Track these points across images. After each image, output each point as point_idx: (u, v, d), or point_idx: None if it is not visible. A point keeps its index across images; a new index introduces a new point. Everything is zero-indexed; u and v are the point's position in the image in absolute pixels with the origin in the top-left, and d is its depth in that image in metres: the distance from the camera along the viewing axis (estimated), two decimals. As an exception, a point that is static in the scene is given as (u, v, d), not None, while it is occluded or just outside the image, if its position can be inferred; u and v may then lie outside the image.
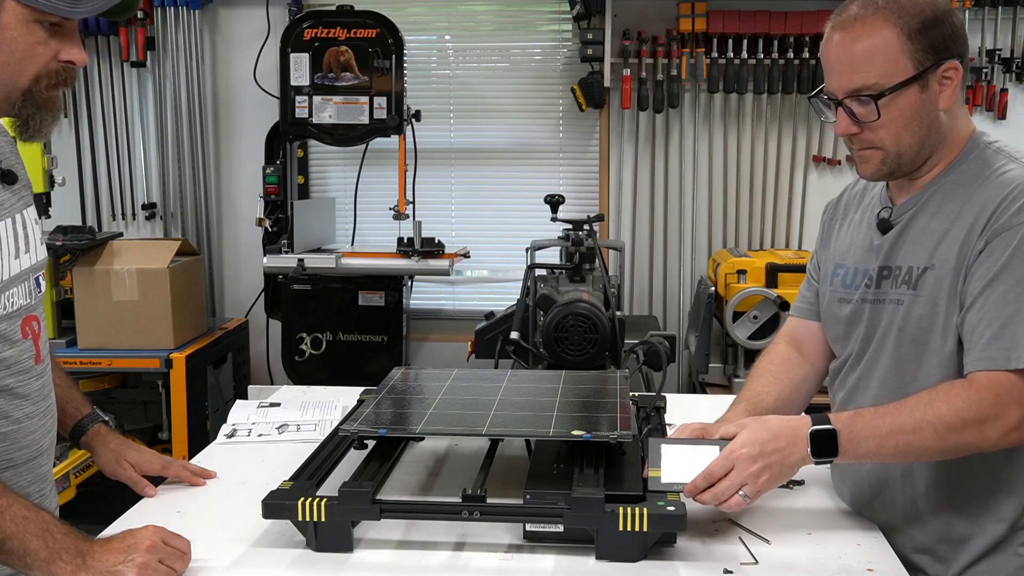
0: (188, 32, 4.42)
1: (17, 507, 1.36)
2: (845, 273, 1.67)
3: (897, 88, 1.47)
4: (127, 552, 1.38)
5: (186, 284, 3.76)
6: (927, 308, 1.50)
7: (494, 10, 4.51)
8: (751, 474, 1.44)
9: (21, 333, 1.44)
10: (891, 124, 1.49)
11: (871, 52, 1.47)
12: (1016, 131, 4.20)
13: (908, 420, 1.42)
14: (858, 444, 1.44)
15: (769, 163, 4.36)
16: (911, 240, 1.55)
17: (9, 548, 1.35)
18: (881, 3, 1.49)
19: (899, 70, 1.47)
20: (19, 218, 1.47)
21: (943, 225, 1.50)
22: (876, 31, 1.47)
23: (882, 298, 1.58)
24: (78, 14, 1.37)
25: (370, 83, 3.86)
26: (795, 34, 4.12)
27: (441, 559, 1.48)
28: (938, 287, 1.49)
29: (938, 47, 1.48)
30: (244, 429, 2.06)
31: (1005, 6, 4.17)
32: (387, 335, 3.96)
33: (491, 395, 1.82)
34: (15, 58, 1.34)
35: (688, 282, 4.45)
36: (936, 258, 1.50)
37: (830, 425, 1.44)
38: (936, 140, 1.52)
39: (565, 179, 4.50)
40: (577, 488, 1.47)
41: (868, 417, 1.45)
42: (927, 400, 1.43)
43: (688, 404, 2.28)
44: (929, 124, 1.50)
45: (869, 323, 1.60)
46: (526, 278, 3.11)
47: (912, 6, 1.48)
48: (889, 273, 1.57)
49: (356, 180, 4.25)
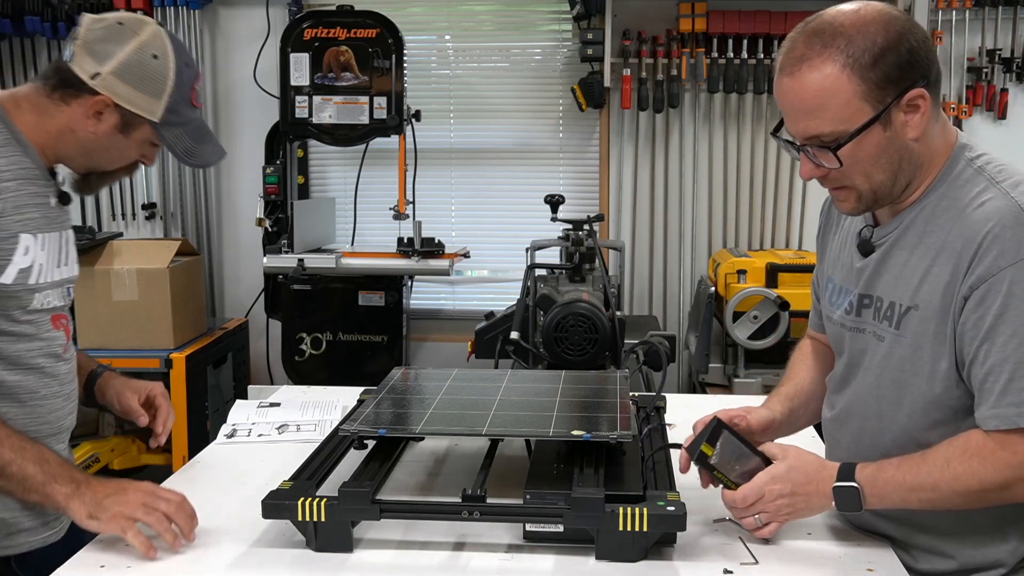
0: (188, 32, 4.41)
1: (15, 438, 1.54)
2: (833, 289, 1.62)
3: (856, 134, 1.36)
4: (120, 490, 1.52)
5: (186, 284, 3.76)
6: (909, 351, 1.44)
7: (494, 10, 4.51)
8: (776, 507, 1.47)
9: (52, 326, 1.67)
10: (858, 166, 1.40)
11: (822, 98, 1.36)
12: (1016, 131, 4.21)
13: (927, 479, 1.38)
14: (882, 499, 1.43)
15: (769, 163, 4.36)
16: (892, 271, 1.47)
17: (8, 473, 1.51)
18: (827, 38, 1.35)
19: (856, 114, 1.36)
20: (64, 235, 1.71)
21: (924, 261, 1.42)
22: (824, 74, 1.34)
23: (862, 327, 1.53)
24: (188, 164, 1.75)
25: (370, 83, 3.86)
26: (795, 34, 4.11)
27: (441, 559, 1.48)
28: (922, 329, 1.42)
29: (897, 78, 1.35)
30: (244, 429, 2.06)
31: (1005, 6, 4.17)
32: (387, 335, 3.96)
33: (491, 395, 1.82)
34: (115, 156, 1.68)
35: (688, 282, 4.45)
36: (919, 298, 1.42)
37: (853, 482, 1.42)
38: (912, 169, 1.42)
39: (565, 179, 4.50)
40: (577, 488, 1.48)
41: (890, 472, 1.41)
42: (944, 460, 1.38)
43: (688, 404, 2.28)
44: (900, 157, 1.40)
45: (851, 351, 1.56)
46: (526, 278, 3.11)
47: (861, 37, 1.34)
48: (870, 303, 1.51)
49: (356, 180, 4.25)
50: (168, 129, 1.66)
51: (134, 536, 1.48)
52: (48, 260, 1.64)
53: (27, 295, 1.60)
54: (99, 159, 1.68)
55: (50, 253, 1.65)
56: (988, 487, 1.36)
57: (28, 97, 1.63)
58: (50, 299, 1.66)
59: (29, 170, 1.61)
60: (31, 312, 1.62)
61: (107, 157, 1.68)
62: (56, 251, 1.67)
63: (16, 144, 1.59)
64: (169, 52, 1.64)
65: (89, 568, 1.46)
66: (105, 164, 1.69)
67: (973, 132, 4.09)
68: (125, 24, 1.64)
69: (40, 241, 1.62)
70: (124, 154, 1.68)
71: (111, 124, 1.62)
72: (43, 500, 1.53)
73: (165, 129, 1.65)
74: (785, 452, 1.50)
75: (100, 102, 1.60)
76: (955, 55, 4.21)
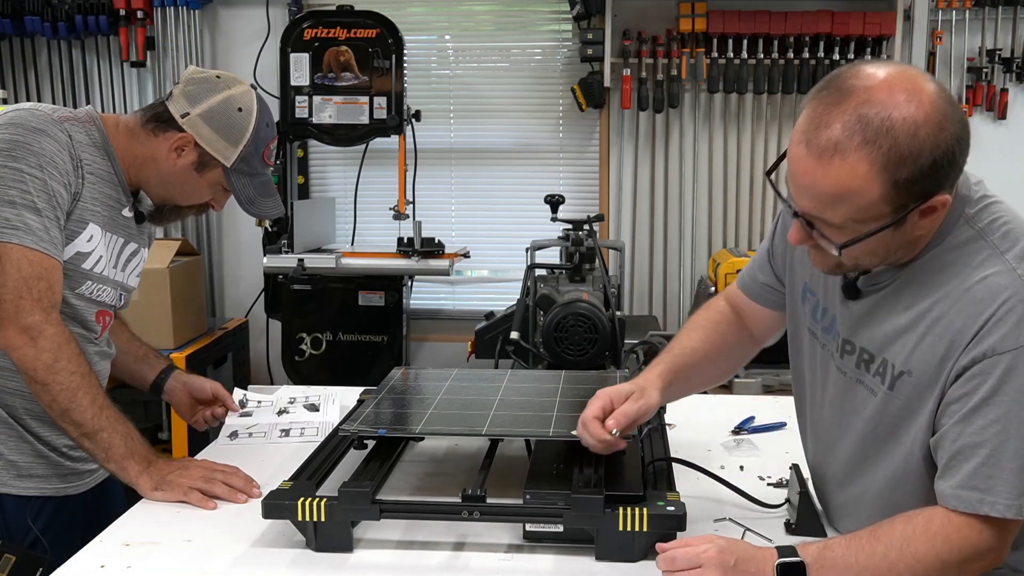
0: (188, 32, 4.41)
1: (112, 410, 1.73)
2: (816, 305, 1.53)
3: (867, 236, 1.27)
4: (183, 467, 1.74)
5: (186, 284, 3.76)
6: (903, 412, 1.37)
7: (494, 10, 4.51)
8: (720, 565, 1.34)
9: (95, 319, 1.85)
10: (851, 254, 1.31)
11: (844, 195, 1.24)
12: (1016, 131, 4.21)
13: (883, 561, 1.30)
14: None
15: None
16: (883, 328, 1.39)
17: (99, 439, 1.70)
18: (871, 134, 1.20)
19: (873, 217, 1.25)
20: (132, 247, 1.90)
21: (919, 328, 1.34)
22: (856, 174, 1.21)
23: (850, 374, 1.45)
24: (248, 212, 1.91)
25: (370, 83, 3.86)
26: (795, 34, 4.11)
27: (441, 559, 1.48)
28: (915, 395, 1.35)
29: (927, 188, 1.23)
30: (245, 429, 2.07)
31: (1005, 6, 4.17)
32: (387, 335, 3.96)
33: (491, 395, 1.83)
34: (188, 192, 1.87)
35: (688, 282, 4.45)
36: (913, 364, 1.34)
37: (798, 558, 1.33)
38: (905, 251, 1.34)
39: (565, 179, 4.50)
40: (577, 488, 1.48)
41: (839, 551, 1.33)
42: (903, 538, 1.30)
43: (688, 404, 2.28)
44: (899, 246, 1.32)
45: (836, 390, 1.49)
46: (526, 278, 3.12)
47: (908, 144, 1.20)
48: (853, 350, 1.43)
49: (356, 180, 4.24)
50: (237, 176, 1.85)
51: (196, 500, 1.68)
52: (108, 257, 1.83)
53: (79, 278, 1.77)
54: (174, 192, 1.87)
55: (112, 252, 1.84)
56: (949, 565, 1.30)
57: (127, 122, 1.85)
58: (103, 294, 1.84)
59: (110, 175, 1.82)
60: (79, 296, 1.79)
61: (181, 191, 1.87)
62: (118, 254, 1.86)
63: (105, 152, 1.81)
64: (253, 109, 1.85)
65: (89, 568, 1.46)
66: (179, 198, 1.89)
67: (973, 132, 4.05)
68: (222, 78, 1.86)
69: (106, 238, 1.81)
70: (196, 192, 1.87)
71: (189, 161, 1.81)
72: (118, 471, 1.72)
73: (234, 175, 1.84)
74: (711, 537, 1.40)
75: (183, 139, 1.80)
76: (955, 55, 4.21)
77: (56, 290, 1.70)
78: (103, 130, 1.81)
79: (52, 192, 1.68)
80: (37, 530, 1.78)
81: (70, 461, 1.84)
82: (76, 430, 1.70)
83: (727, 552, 1.35)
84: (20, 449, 1.78)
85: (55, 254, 1.69)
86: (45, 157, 1.68)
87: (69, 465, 1.84)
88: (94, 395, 1.70)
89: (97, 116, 1.83)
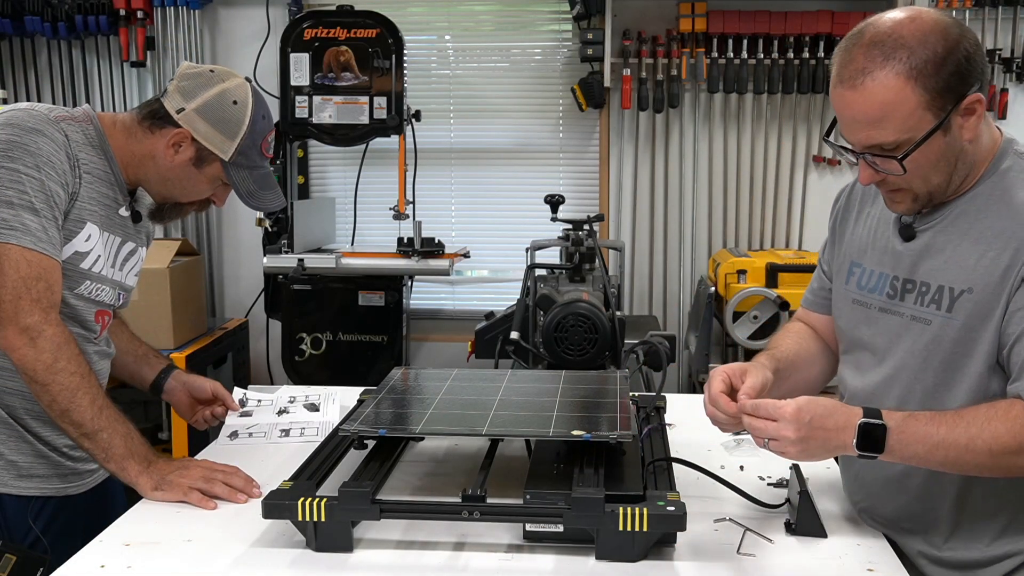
0: (188, 32, 4.41)
1: (112, 410, 1.73)
2: (862, 274, 1.62)
3: (921, 143, 1.39)
4: (183, 467, 1.73)
5: (186, 284, 3.76)
6: (962, 332, 1.44)
7: (494, 10, 4.51)
8: (787, 438, 1.39)
9: (95, 318, 1.85)
10: (918, 171, 1.42)
11: (886, 110, 1.37)
12: (1016, 131, 4.07)
13: (963, 435, 1.37)
14: (906, 447, 1.39)
15: (769, 163, 4.36)
16: (942, 257, 1.48)
17: (98, 439, 1.70)
18: (888, 49, 1.36)
19: (920, 124, 1.38)
20: (130, 245, 1.90)
21: (978, 247, 1.43)
22: (888, 87, 1.36)
23: (903, 312, 1.52)
24: (248, 205, 1.89)
25: (370, 83, 3.86)
26: (795, 34, 4.12)
27: (441, 559, 1.48)
28: (976, 312, 1.42)
29: (956, 85, 1.37)
30: (245, 429, 2.07)
31: (1005, 6, 4.17)
32: (387, 335, 3.96)
33: (491, 395, 1.82)
34: (188, 188, 1.86)
35: (688, 282, 4.45)
36: (974, 281, 1.43)
37: (881, 420, 1.39)
38: (966, 168, 1.45)
39: (565, 179, 4.50)
40: (577, 488, 1.48)
41: (922, 422, 1.39)
42: (985, 417, 1.37)
43: (688, 404, 2.28)
44: (956, 159, 1.43)
45: (889, 336, 1.55)
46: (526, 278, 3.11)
47: (921, 47, 1.36)
48: (914, 287, 1.51)
49: (356, 180, 4.24)
50: (236, 169, 1.84)
51: (196, 499, 1.67)
52: (106, 256, 1.83)
53: (78, 278, 1.77)
54: (173, 189, 1.87)
55: (110, 251, 1.84)
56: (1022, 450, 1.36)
57: (124, 120, 1.85)
58: (101, 293, 1.84)
59: (107, 174, 1.81)
60: (78, 296, 1.79)
61: (180, 188, 1.86)
62: (115, 253, 1.86)
63: (102, 151, 1.80)
64: (248, 102, 1.83)
65: (89, 568, 1.46)
66: (179, 195, 1.88)
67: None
68: (216, 73, 1.84)
69: (104, 237, 1.81)
70: (196, 188, 1.87)
71: (187, 156, 1.81)
72: (118, 471, 1.72)
73: (233, 169, 1.83)
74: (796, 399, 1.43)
75: (180, 135, 1.80)
76: (955, 55, 4.20)
77: (55, 290, 1.70)
78: (100, 129, 1.81)
79: (50, 192, 1.68)
80: (38, 530, 1.79)
81: (70, 461, 1.85)
82: (76, 430, 1.70)
83: (804, 410, 1.39)
84: (20, 449, 1.78)
85: (54, 254, 1.69)
86: (42, 157, 1.68)
87: (69, 465, 1.85)
88: (94, 395, 1.70)
89: (94, 115, 1.83)
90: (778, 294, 3.64)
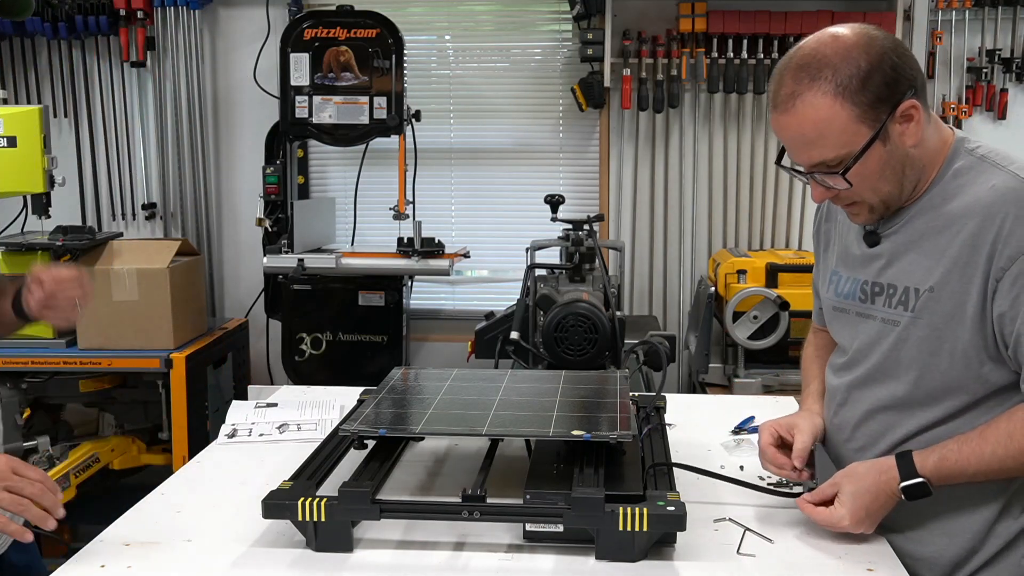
0: (188, 32, 4.41)
1: None
2: (839, 281, 1.66)
3: (860, 155, 1.42)
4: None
5: (186, 284, 3.76)
6: (927, 331, 1.48)
7: (494, 10, 4.51)
8: (848, 529, 1.50)
9: None
10: (865, 182, 1.46)
11: (820, 128, 1.41)
12: (1016, 131, 4.21)
13: (992, 460, 1.43)
14: (949, 482, 1.46)
15: (769, 163, 4.36)
16: (906, 259, 1.52)
17: None
18: (813, 71, 1.40)
19: (856, 138, 1.42)
20: None
21: (937, 246, 1.47)
22: (817, 106, 1.40)
23: (872, 314, 1.57)
24: None
25: (370, 83, 3.86)
26: (795, 34, 4.10)
27: (441, 559, 1.48)
28: (939, 310, 1.46)
29: (886, 96, 1.41)
30: (244, 429, 2.06)
31: (1005, 6, 4.17)
32: (387, 335, 3.96)
33: (491, 395, 1.82)
34: None
35: (688, 282, 4.45)
36: (933, 279, 1.47)
37: (920, 479, 1.45)
38: (915, 173, 1.49)
39: (565, 179, 4.50)
40: (577, 488, 1.48)
41: (953, 460, 1.45)
42: (1007, 434, 1.43)
43: (688, 404, 2.28)
44: (903, 165, 1.46)
45: (864, 338, 1.59)
46: (526, 278, 3.11)
47: (844, 63, 1.39)
48: (882, 291, 1.55)
49: (356, 180, 4.24)
50: None
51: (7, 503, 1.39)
52: None
53: None
54: None
55: None
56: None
57: None
58: None
59: None
60: None
61: None
62: None
63: None
64: None
65: (89, 568, 1.46)
66: None
67: (973, 132, 4.07)
68: None
69: None
70: None
71: None
72: None
73: None
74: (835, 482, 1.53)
75: None
76: (955, 55, 4.20)
77: None
78: None
79: None
80: None
81: None
82: None
83: (857, 511, 1.48)
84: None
85: None
86: None
87: None
88: None
89: None
90: (778, 294, 3.64)
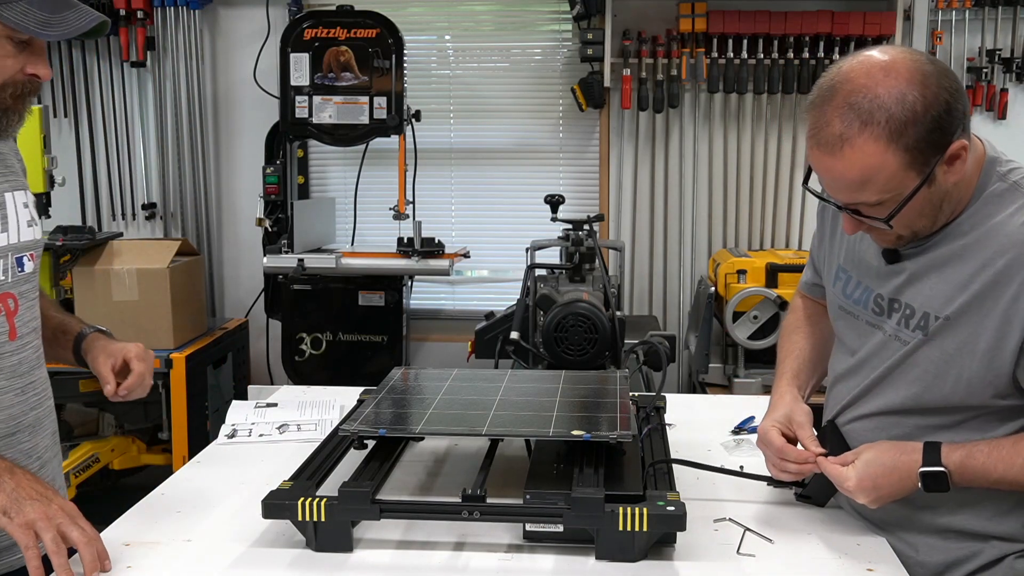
0: (188, 32, 4.42)
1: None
2: (847, 282, 1.62)
3: (905, 202, 1.36)
4: (45, 499, 1.35)
5: (186, 284, 3.76)
6: (937, 353, 1.45)
7: (494, 10, 4.51)
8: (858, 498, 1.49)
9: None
10: (902, 220, 1.40)
11: (867, 174, 1.33)
12: (1016, 131, 4.21)
13: (1021, 472, 1.40)
14: (968, 483, 1.43)
15: (769, 163, 4.36)
16: (924, 281, 1.47)
17: None
18: (865, 114, 1.31)
19: (903, 183, 1.34)
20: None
21: (961, 275, 1.42)
22: (867, 153, 1.32)
23: (886, 329, 1.53)
24: (48, 37, 1.40)
25: (370, 83, 3.86)
26: (795, 34, 4.12)
27: (441, 559, 1.48)
28: (952, 337, 1.43)
29: (938, 141, 1.32)
30: (244, 429, 2.06)
31: (1005, 6, 4.17)
32: (387, 335, 3.96)
33: (491, 395, 1.82)
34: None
35: (688, 282, 4.45)
36: (953, 308, 1.42)
37: (941, 468, 1.42)
38: (952, 206, 1.42)
39: (565, 179, 4.50)
40: (577, 488, 1.47)
41: (980, 460, 1.41)
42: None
43: (688, 404, 2.28)
44: (942, 200, 1.40)
45: (871, 348, 1.56)
46: (526, 278, 3.11)
47: (899, 106, 1.30)
48: (899, 308, 1.50)
49: (356, 180, 4.25)
50: (7, 7, 1.36)
51: (33, 556, 1.31)
52: None
53: None
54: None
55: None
56: None
57: None
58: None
59: None
60: None
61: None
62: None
63: None
64: None
65: (89, 568, 1.46)
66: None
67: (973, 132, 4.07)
68: None
69: None
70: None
71: None
72: None
73: (4, 9, 1.36)
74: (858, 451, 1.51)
75: None
76: (955, 55, 4.21)
77: None
78: None
79: None
80: None
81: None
82: None
83: (865, 477, 1.46)
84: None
85: None
86: None
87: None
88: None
89: None
90: (778, 294, 3.64)
